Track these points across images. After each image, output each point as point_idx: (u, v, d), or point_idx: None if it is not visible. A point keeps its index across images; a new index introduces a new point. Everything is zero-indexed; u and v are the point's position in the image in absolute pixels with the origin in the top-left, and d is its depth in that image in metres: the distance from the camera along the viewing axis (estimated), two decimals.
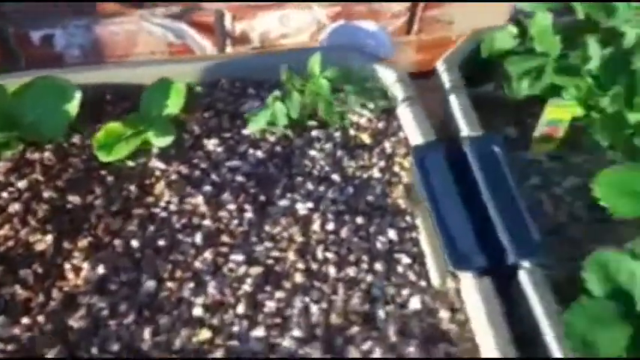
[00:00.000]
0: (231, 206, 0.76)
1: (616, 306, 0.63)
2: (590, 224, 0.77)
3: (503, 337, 0.64)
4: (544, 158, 0.83)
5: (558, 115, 0.79)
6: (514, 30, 0.87)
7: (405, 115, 0.85)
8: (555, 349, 0.63)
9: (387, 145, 0.84)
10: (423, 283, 0.71)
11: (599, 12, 0.74)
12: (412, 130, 0.83)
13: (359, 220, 0.76)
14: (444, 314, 0.69)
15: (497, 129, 0.87)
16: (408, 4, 1.19)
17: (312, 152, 0.83)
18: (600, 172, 0.70)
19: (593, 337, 0.63)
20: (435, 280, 0.71)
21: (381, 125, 0.86)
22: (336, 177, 0.80)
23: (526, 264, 0.70)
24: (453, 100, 0.85)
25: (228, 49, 1.22)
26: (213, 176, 0.79)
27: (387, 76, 0.89)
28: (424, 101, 0.88)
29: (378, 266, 0.72)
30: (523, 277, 0.68)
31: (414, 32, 1.24)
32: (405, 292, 0.70)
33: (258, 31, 1.20)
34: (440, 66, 0.90)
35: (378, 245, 0.74)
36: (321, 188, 0.79)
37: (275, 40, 1.21)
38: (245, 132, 0.84)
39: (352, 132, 0.86)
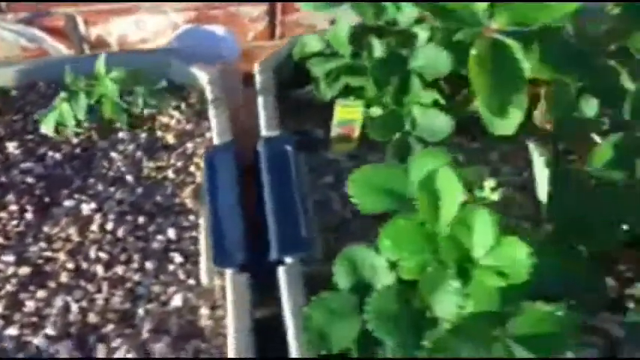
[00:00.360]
0: (13, 207, 0.76)
1: (356, 299, 0.64)
2: (372, 220, 0.78)
3: (242, 331, 0.63)
4: (343, 158, 0.83)
5: (348, 115, 0.79)
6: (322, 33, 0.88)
7: (211, 116, 0.86)
8: (293, 344, 0.64)
9: (190, 146, 0.84)
10: (191, 282, 0.71)
11: (368, 12, 0.75)
12: (213, 130, 0.84)
13: (140, 219, 0.75)
14: (204, 311, 0.68)
15: (307, 130, 0.88)
16: (265, 7, 1.20)
17: (114, 154, 0.83)
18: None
19: (329, 329, 0.63)
20: (204, 278, 0.72)
21: (189, 127, 0.86)
22: (129, 178, 0.80)
23: (288, 259, 0.70)
24: (259, 101, 0.86)
25: (87, 52, 1.23)
26: (2, 178, 0.80)
27: (202, 77, 0.90)
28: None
29: (149, 265, 0.71)
30: (280, 272, 0.69)
31: (278, 37, 1.25)
32: (170, 290, 0.70)
33: (115, 35, 1.21)
34: (255, 69, 0.91)
35: (154, 245, 0.73)
36: (112, 189, 0.78)
37: (134, 45, 1.22)
38: (49, 134, 0.84)
39: (160, 133, 0.87)
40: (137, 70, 0.80)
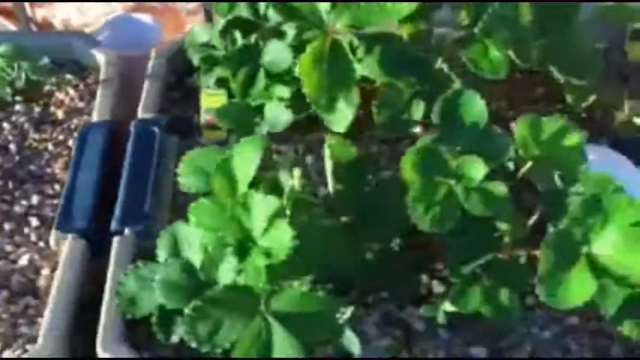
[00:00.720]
0: None
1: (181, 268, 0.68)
2: None
3: (63, 292, 0.69)
4: (212, 144, 0.87)
5: (213, 103, 0.84)
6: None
7: (97, 95, 0.92)
8: (104, 307, 0.69)
9: (75, 122, 0.90)
10: (41, 244, 0.76)
11: (223, 8, 0.79)
12: (94, 109, 0.89)
13: (10, 185, 0.82)
14: (45, 272, 0.74)
15: (190, 116, 0.92)
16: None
17: (5, 124, 0.90)
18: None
19: (139, 296, 0.67)
20: (52, 242, 0.77)
21: (81, 104, 0.92)
22: (12, 147, 0.86)
23: (126, 231, 0.76)
24: (144, 86, 0.92)
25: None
26: None
27: (101, 60, 0.96)
28: None
29: (7, 226, 0.78)
30: (114, 242, 0.74)
31: None
32: (21, 250, 0.76)
33: (59, 18, 1.28)
34: (151, 55, 0.96)
35: (17, 208, 0.80)
36: None
37: (77, 28, 1.29)
38: None
39: (53, 109, 0.93)
40: (22, 47, 0.87)
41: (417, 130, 0.81)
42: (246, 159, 0.65)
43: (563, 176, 0.62)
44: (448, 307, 0.66)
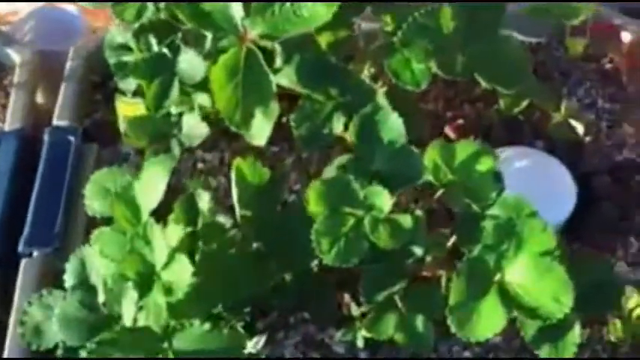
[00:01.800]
0: None
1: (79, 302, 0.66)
2: None
3: None
4: (133, 152, 0.84)
5: (130, 112, 0.80)
6: None
7: (10, 101, 0.87)
8: (9, 337, 0.66)
9: None
10: None
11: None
12: (7, 116, 0.85)
13: None
14: None
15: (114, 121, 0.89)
16: None
17: None
18: None
19: (45, 326, 0.64)
20: None
21: None
22: None
23: (35, 253, 0.72)
24: (61, 89, 0.87)
25: None
26: None
27: (16, 58, 0.91)
28: None
29: None
30: (21, 265, 0.71)
31: None
32: None
33: None
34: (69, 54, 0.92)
35: None
36: None
37: (4, 18, 1.22)
38: None
39: None
40: None
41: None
42: (151, 184, 0.62)
43: (478, 200, 0.60)
44: (366, 333, 0.65)
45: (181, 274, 0.56)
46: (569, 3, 0.88)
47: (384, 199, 0.56)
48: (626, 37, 0.96)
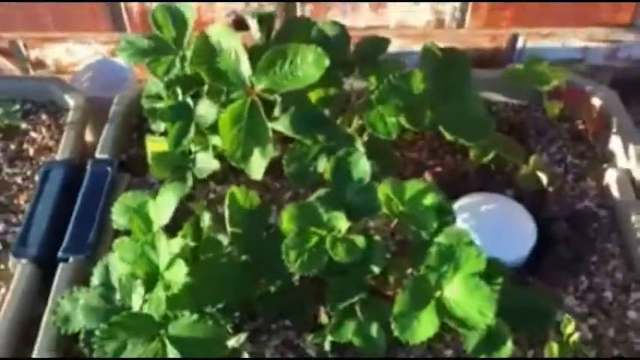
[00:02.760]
0: None
1: (99, 295, 0.80)
2: None
3: (9, 311, 0.82)
4: (157, 182, 1.00)
5: (157, 147, 0.96)
6: None
7: (63, 136, 1.05)
8: (43, 324, 0.81)
9: (43, 159, 1.03)
10: (2, 267, 0.90)
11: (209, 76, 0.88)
12: (60, 148, 1.02)
13: None
14: (2, 291, 0.87)
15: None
16: None
17: None
18: None
19: (73, 315, 0.78)
20: (11, 265, 0.90)
21: (51, 143, 1.06)
22: None
23: (71, 259, 0.88)
24: (105, 129, 1.05)
25: (31, 72, 1.45)
26: None
27: (71, 102, 1.10)
28: None
29: None
30: (59, 268, 0.86)
31: None
32: None
33: (51, 58, 1.42)
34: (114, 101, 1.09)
35: None
36: None
37: (67, 67, 1.43)
38: None
39: (26, 146, 1.06)
40: None
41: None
42: (164, 204, 0.78)
43: (424, 228, 0.72)
44: (330, 337, 0.77)
45: (178, 274, 0.70)
46: (542, 71, 1.02)
47: (342, 222, 0.69)
48: (596, 101, 1.08)
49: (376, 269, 0.73)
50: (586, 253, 0.92)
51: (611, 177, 0.99)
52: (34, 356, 0.79)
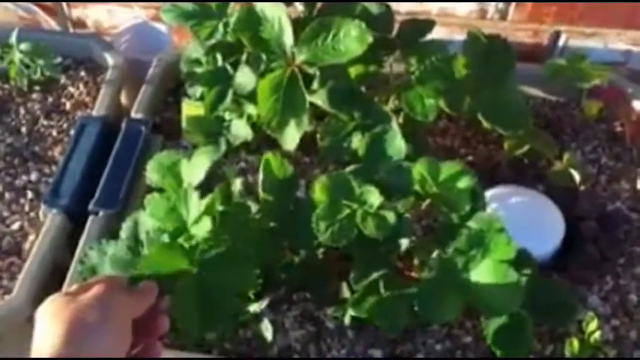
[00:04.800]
0: None
1: (127, 247, 0.81)
2: None
3: (38, 257, 0.84)
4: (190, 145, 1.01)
5: (193, 111, 0.97)
6: None
7: (100, 93, 1.06)
8: (69, 273, 0.82)
9: (80, 114, 1.04)
10: (32, 215, 0.91)
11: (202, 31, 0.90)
12: (96, 105, 1.03)
13: (16, 161, 0.97)
14: (31, 237, 0.88)
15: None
16: None
17: (22, 109, 1.05)
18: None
19: (100, 267, 0.80)
20: (41, 214, 0.91)
21: (88, 99, 1.07)
22: (24, 129, 1.02)
23: (101, 212, 0.89)
24: (142, 89, 1.05)
25: (70, 30, 1.46)
26: None
27: (110, 61, 1.10)
28: None
29: (7, 196, 0.93)
30: (89, 220, 0.87)
31: None
32: (15, 217, 0.91)
33: (92, 19, 1.43)
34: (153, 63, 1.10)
35: (18, 181, 0.95)
36: (6, 134, 1.01)
37: (107, 29, 1.44)
38: None
39: (63, 100, 1.07)
40: (40, 47, 1.02)
41: None
42: (196, 166, 0.78)
43: (455, 211, 0.72)
44: (352, 311, 0.77)
45: (203, 228, 0.70)
46: (584, 68, 1.01)
47: (375, 197, 0.69)
48: (636, 104, 1.06)
49: (404, 243, 0.73)
50: (614, 254, 0.91)
51: None
52: None
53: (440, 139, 1.05)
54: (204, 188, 0.81)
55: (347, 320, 0.78)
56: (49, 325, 0.55)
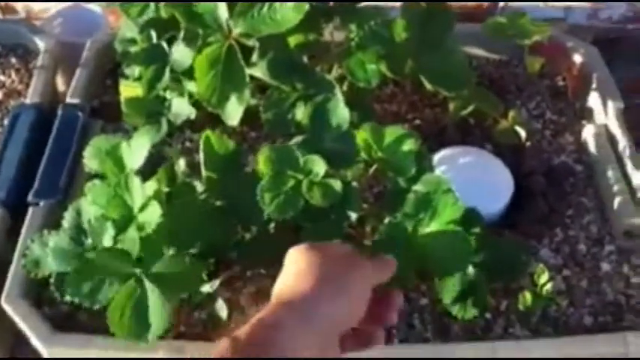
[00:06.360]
0: None
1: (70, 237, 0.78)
2: None
3: None
4: (131, 128, 0.98)
5: (130, 92, 0.94)
6: None
7: (33, 80, 1.01)
8: (12, 268, 0.80)
9: (12, 102, 1.00)
10: None
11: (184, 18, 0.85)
12: (29, 92, 0.99)
13: None
14: None
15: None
16: None
17: None
18: None
19: (43, 259, 0.76)
20: None
21: (20, 86, 1.03)
22: None
23: (41, 203, 0.86)
24: (76, 73, 1.01)
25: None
26: None
27: (41, 45, 1.06)
28: None
29: None
30: (28, 213, 0.85)
31: None
32: None
33: (22, 4, 1.37)
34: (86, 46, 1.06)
35: None
36: None
37: (38, 14, 1.38)
38: None
39: None
40: None
41: None
42: (137, 148, 0.76)
43: (402, 174, 0.72)
44: None
45: (153, 215, 0.69)
46: (524, 25, 1.01)
47: (319, 166, 0.68)
48: (577, 58, 1.08)
49: (353, 215, 0.72)
50: (562, 207, 0.93)
51: (588, 133, 1.00)
52: (5, 305, 0.77)
53: (387, 105, 1.04)
54: (148, 171, 0.80)
55: None
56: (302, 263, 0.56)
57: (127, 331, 0.65)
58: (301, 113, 0.84)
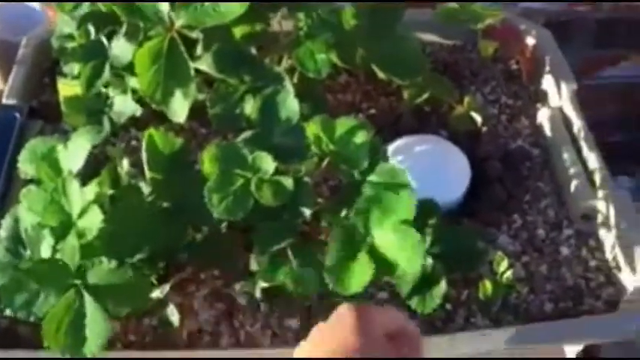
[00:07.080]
0: None
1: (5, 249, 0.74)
2: None
3: None
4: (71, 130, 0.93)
5: (69, 91, 0.89)
6: None
7: None
8: None
9: None
10: None
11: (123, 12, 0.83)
12: None
13: None
14: None
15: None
16: None
17: None
18: None
19: None
20: None
21: None
22: None
23: None
24: (12, 72, 0.96)
25: None
26: None
27: None
28: None
29: None
30: None
31: None
32: None
33: None
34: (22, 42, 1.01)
35: None
36: None
37: None
38: None
39: None
40: None
41: None
42: (75, 150, 0.71)
43: (355, 167, 0.69)
44: (262, 283, 0.74)
45: (93, 221, 0.65)
46: (476, 10, 0.99)
47: (268, 163, 0.65)
48: (530, 41, 1.07)
49: (306, 212, 0.70)
50: (519, 192, 0.92)
51: (543, 116, 0.99)
52: None
53: (341, 95, 1.01)
54: (91, 173, 0.76)
55: (258, 293, 0.74)
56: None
57: (62, 345, 0.62)
58: (250, 107, 0.81)
